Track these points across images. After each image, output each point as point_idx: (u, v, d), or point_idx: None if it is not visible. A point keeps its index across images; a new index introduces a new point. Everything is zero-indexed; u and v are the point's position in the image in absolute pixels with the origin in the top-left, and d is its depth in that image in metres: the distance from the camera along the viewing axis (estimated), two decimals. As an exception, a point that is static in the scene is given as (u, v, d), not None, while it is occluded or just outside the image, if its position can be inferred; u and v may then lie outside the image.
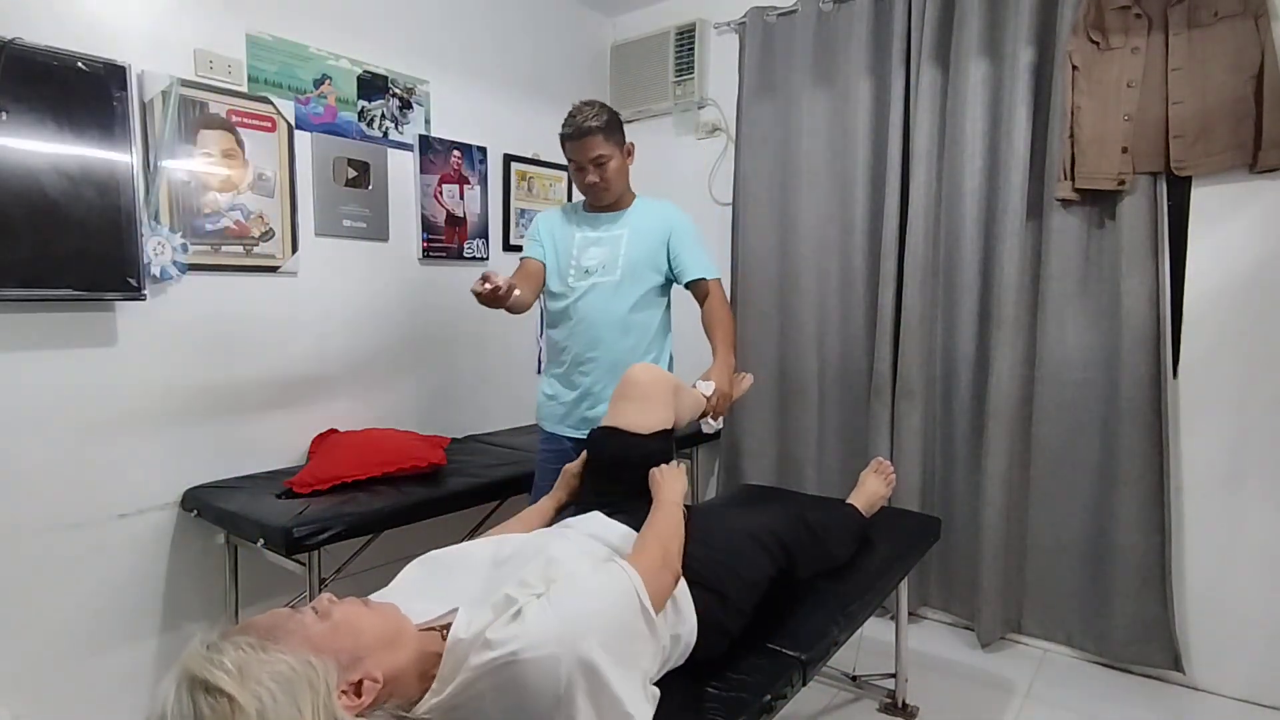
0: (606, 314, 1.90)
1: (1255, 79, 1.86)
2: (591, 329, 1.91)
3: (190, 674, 0.75)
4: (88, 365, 1.81)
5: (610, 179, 1.89)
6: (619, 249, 1.92)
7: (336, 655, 0.83)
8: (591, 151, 1.85)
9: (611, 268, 1.92)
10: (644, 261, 1.92)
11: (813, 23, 2.61)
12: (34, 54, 1.62)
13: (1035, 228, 2.23)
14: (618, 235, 1.94)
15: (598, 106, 1.88)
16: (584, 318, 1.92)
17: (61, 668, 1.81)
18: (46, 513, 1.76)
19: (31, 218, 1.63)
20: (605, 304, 1.91)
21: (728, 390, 1.85)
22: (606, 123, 1.86)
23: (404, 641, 0.92)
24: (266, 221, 2.13)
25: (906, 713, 1.98)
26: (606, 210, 1.99)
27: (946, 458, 2.45)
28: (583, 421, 1.93)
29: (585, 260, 1.94)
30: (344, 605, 0.92)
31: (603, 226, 1.97)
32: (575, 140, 1.86)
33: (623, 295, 1.91)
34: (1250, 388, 1.97)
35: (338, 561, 1.95)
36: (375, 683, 0.85)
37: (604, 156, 1.86)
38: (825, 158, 2.62)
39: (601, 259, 1.93)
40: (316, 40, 2.24)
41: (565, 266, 1.96)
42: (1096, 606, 2.19)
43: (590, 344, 1.92)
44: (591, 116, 1.85)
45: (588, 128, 1.84)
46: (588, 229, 1.98)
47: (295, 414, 2.25)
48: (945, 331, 2.41)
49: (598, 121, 1.84)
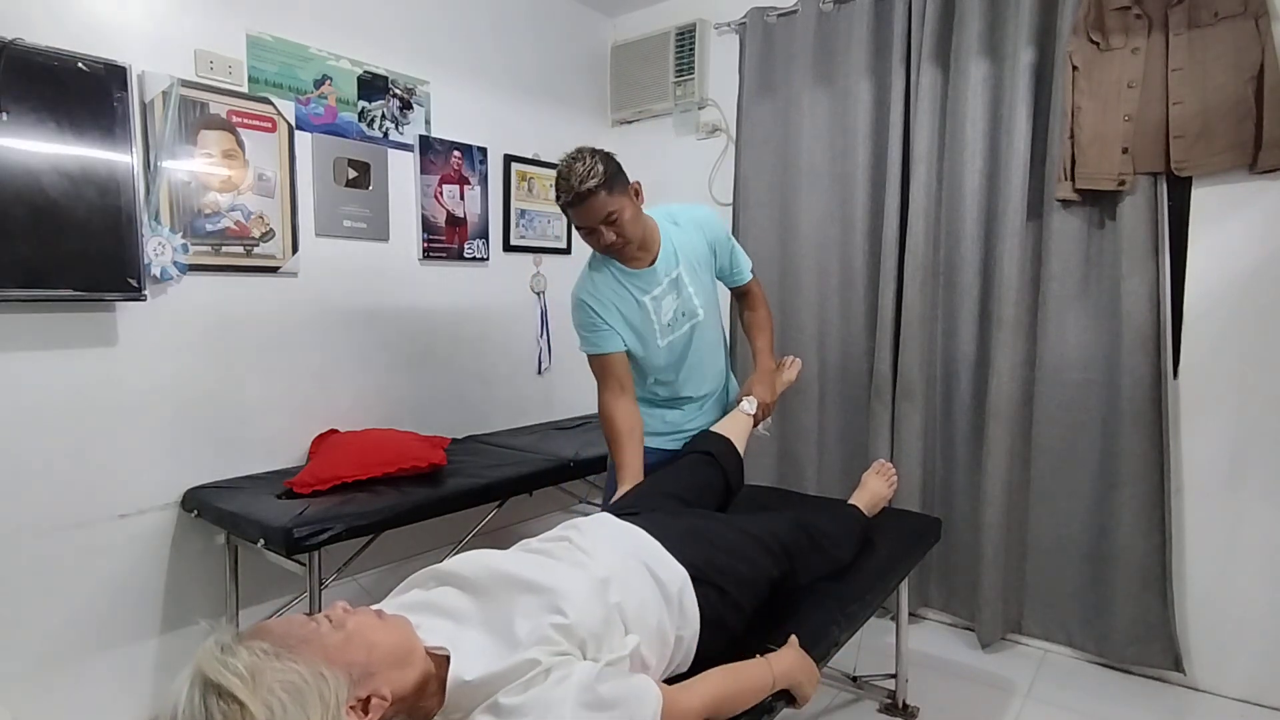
0: (707, 349, 1.88)
1: (1255, 79, 1.86)
2: (697, 366, 1.88)
3: (204, 676, 0.76)
4: (88, 365, 1.81)
5: (629, 234, 1.65)
6: (685, 289, 1.80)
7: (348, 668, 0.84)
8: (600, 213, 1.60)
9: (691, 312, 1.81)
10: (707, 286, 1.87)
11: (813, 23, 2.61)
12: (34, 54, 1.62)
13: (1035, 228, 2.23)
14: (676, 278, 1.78)
15: (588, 159, 1.59)
16: (690, 361, 1.86)
17: (61, 668, 1.81)
18: (46, 513, 1.77)
19: (32, 218, 1.63)
20: (704, 342, 1.87)
21: (769, 400, 1.89)
22: (606, 176, 1.58)
23: (413, 661, 0.92)
24: (267, 222, 2.13)
25: (907, 713, 1.98)
26: (647, 261, 1.76)
27: (947, 458, 2.45)
28: (682, 434, 1.91)
29: (665, 317, 1.79)
30: (358, 616, 0.92)
31: (657, 278, 1.77)
32: (578, 207, 1.60)
33: (710, 325, 1.87)
34: (1250, 388, 1.97)
35: (338, 562, 1.95)
36: (384, 701, 0.86)
37: (614, 213, 1.61)
38: (825, 158, 2.62)
39: (680, 307, 1.80)
40: (317, 40, 2.24)
41: (652, 334, 1.79)
42: (1097, 607, 2.19)
43: (694, 377, 1.89)
44: (587, 175, 1.56)
45: (587, 190, 1.56)
46: (646, 289, 1.76)
47: (295, 414, 2.25)
48: (945, 332, 2.41)
49: (596, 180, 1.56)
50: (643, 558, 1.20)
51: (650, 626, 1.10)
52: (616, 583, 1.10)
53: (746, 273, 1.96)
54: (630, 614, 1.08)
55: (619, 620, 1.06)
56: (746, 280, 1.97)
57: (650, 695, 0.98)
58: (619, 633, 1.06)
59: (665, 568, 1.20)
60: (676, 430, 1.91)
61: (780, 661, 1.19)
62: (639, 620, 1.09)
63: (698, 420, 1.93)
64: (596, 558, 1.16)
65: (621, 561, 1.17)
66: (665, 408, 1.91)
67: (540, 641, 0.94)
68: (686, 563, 1.22)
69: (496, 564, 1.12)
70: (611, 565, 1.14)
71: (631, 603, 1.09)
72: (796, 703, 1.23)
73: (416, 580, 1.12)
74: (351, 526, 1.76)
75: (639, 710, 0.95)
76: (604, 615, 1.04)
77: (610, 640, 1.03)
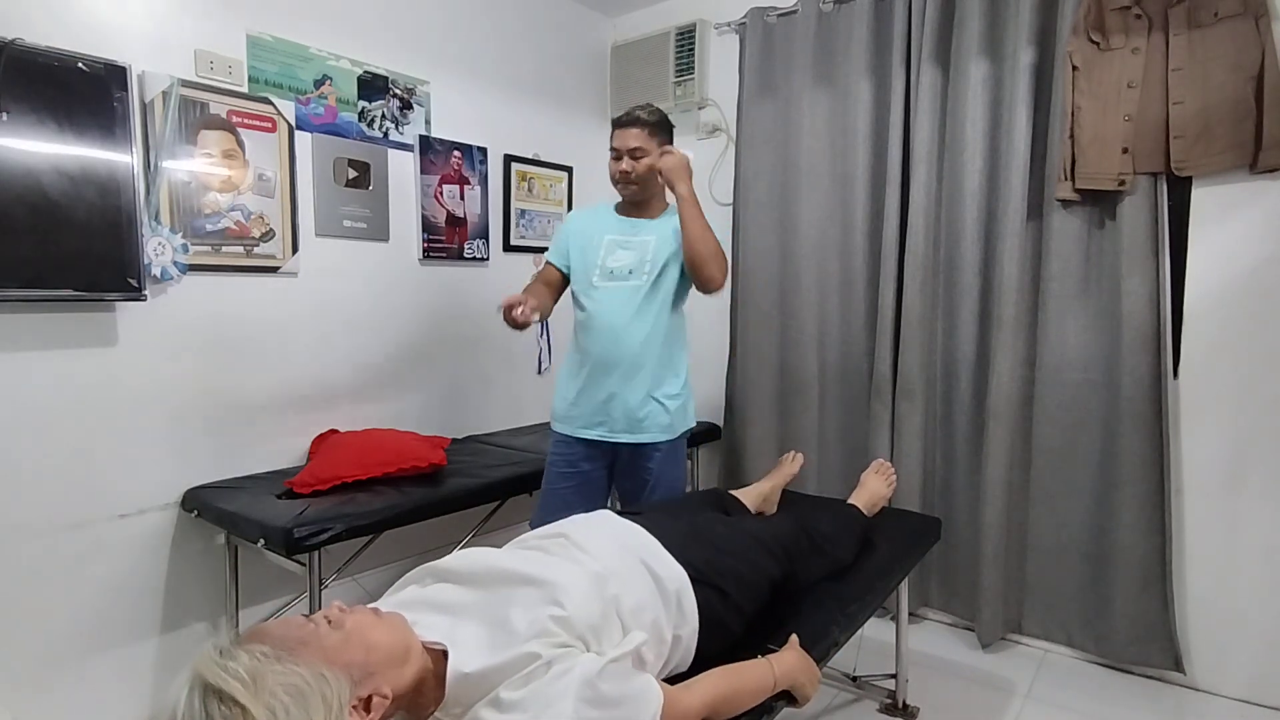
0: (631, 317, 1.88)
1: (1255, 79, 1.86)
2: (615, 332, 1.88)
3: (204, 680, 0.75)
4: (88, 365, 1.81)
5: (640, 174, 1.90)
6: (646, 254, 1.91)
7: (348, 669, 0.84)
8: (630, 142, 1.89)
9: (639, 272, 1.90)
10: (669, 268, 1.90)
11: (813, 23, 2.61)
12: (34, 54, 1.62)
13: (1035, 228, 2.23)
14: (645, 240, 1.93)
15: (653, 108, 1.95)
16: (608, 320, 1.89)
17: (61, 668, 1.81)
18: (46, 513, 1.76)
19: (32, 218, 1.63)
20: (630, 307, 1.89)
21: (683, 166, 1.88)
22: (656, 122, 1.91)
23: (412, 659, 0.92)
24: (267, 222, 2.13)
25: (907, 713, 1.98)
26: (637, 215, 1.98)
27: (947, 458, 2.45)
28: (601, 424, 1.92)
29: (611, 262, 1.93)
30: (355, 615, 0.92)
31: (631, 230, 1.96)
32: (621, 127, 1.92)
33: (646, 299, 1.89)
34: (1250, 388, 1.97)
35: (338, 562, 1.95)
36: (385, 699, 0.86)
37: (641, 150, 1.89)
38: (826, 158, 2.62)
39: (628, 263, 1.92)
40: (317, 41, 2.24)
41: (590, 268, 1.95)
42: (1097, 607, 2.19)
43: (612, 346, 1.89)
44: (645, 111, 1.92)
45: (635, 117, 1.91)
46: (615, 232, 1.97)
47: (295, 414, 2.25)
48: (945, 332, 2.41)
49: (647, 115, 1.91)
50: (641, 555, 1.20)
51: (646, 623, 1.10)
52: (614, 578, 1.10)
53: None
54: (627, 610, 1.08)
55: (615, 615, 1.06)
56: None
57: (652, 694, 0.98)
58: (617, 627, 1.05)
59: (664, 566, 1.20)
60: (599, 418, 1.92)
61: (782, 662, 1.19)
62: (635, 616, 1.09)
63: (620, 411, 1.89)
64: (593, 554, 1.16)
65: (619, 558, 1.17)
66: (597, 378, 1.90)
67: (540, 634, 0.94)
68: (686, 563, 1.22)
69: (493, 560, 1.12)
70: (608, 561, 1.14)
71: (628, 599, 1.09)
72: (797, 703, 1.23)
73: (412, 577, 1.13)
74: (351, 526, 1.76)
75: (641, 709, 0.95)
76: (602, 609, 1.04)
77: (610, 634, 1.03)
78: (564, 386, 2.01)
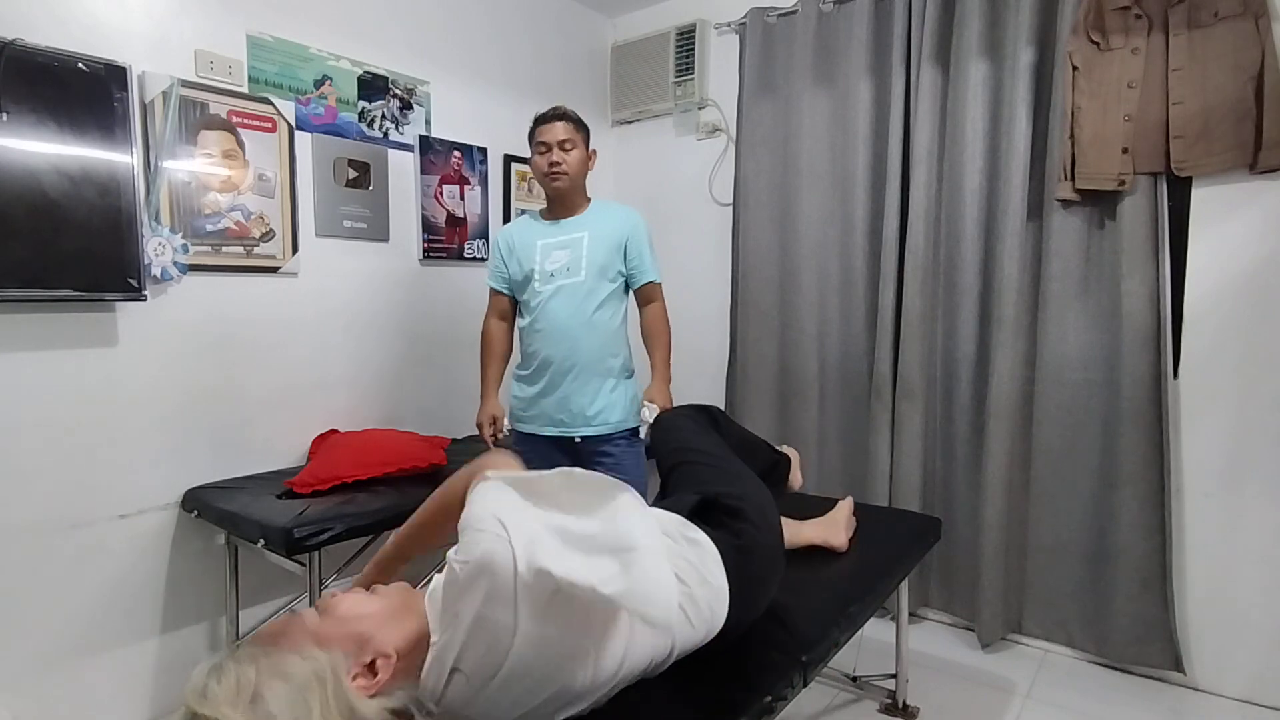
0: (574, 315, 1.97)
1: (1255, 79, 1.86)
2: (561, 331, 1.97)
3: (192, 712, 0.75)
4: (88, 365, 1.81)
5: (571, 165, 1.98)
6: (581, 250, 1.99)
7: (342, 644, 0.84)
8: (560, 134, 1.98)
9: (576, 269, 1.98)
10: (606, 262, 1.99)
11: (813, 23, 2.61)
12: (34, 55, 1.62)
13: (1035, 228, 2.23)
14: (578, 238, 2.01)
15: (570, 109, 2.06)
16: (553, 321, 1.98)
17: (61, 668, 1.81)
18: (46, 513, 1.76)
19: (32, 218, 1.63)
20: (572, 305, 1.97)
21: (669, 405, 1.99)
22: (577, 119, 2.03)
23: (413, 609, 0.93)
24: (267, 222, 2.13)
25: (907, 713, 1.98)
26: (564, 216, 2.05)
27: (947, 458, 2.45)
28: (560, 421, 2.02)
29: (549, 265, 2.00)
30: (346, 597, 0.93)
31: (562, 230, 2.03)
32: (546, 123, 2.00)
33: (589, 295, 1.98)
34: (1250, 388, 1.97)
35: (338, 562, 1.95)
36: (388, 658, 0.85)
37: (569, 142, 1.98)
38: (825, 158, 2.62)
39: (565, 262, 1.99)
40: (317, 41, 2.24)
41: (530, 275, 2.02)
42: (1097, 607, 2.19)
43: (560, 345, 1.98)
44: (564, 110, 2.03)
45: (559, 112, 2.01)
46: (547, 235, 2.04)
47: (295, 414, 2.25)
48: (945, 332, 2.41)
49: (568, 111, 2.02)
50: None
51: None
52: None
53: (645, 276, 2.06)
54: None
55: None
56: (642, 282, 2.07)
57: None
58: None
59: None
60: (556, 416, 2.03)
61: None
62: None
63: (571, 406, 2.00)
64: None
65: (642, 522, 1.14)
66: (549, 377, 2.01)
67: None
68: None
69: None
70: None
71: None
72: None
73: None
74: (351, 526, 1.76)
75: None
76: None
77: None
78: (519, 389, 2.10)
